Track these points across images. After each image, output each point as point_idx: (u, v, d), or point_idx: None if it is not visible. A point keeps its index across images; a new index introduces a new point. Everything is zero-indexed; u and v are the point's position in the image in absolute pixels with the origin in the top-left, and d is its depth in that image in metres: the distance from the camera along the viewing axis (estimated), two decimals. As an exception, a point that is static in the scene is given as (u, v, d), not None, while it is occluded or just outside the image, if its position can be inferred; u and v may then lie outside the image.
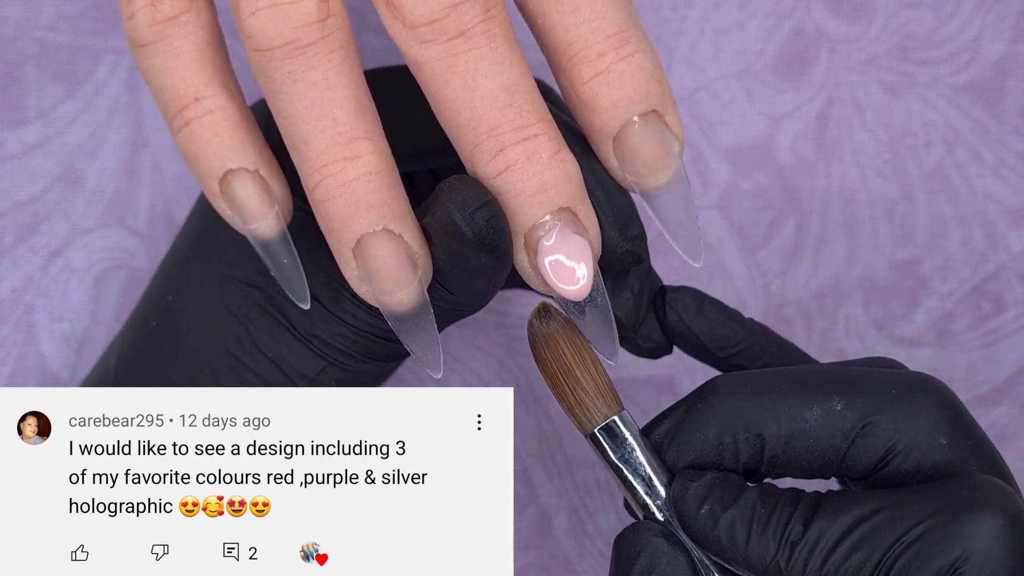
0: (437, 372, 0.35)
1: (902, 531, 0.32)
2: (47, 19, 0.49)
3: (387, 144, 0.34)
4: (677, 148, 0.34)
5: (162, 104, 0.35)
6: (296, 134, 0.33)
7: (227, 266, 0.38)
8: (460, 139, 0.33)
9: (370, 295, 0.34)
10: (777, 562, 0.32)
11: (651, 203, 0.35)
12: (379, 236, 0.33)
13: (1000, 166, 0.49)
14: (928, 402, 0.34)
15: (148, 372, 0.39)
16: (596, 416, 0.35)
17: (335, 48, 0.32)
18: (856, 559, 0.32)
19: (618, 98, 0.33)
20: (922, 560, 0.31)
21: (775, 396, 0.34)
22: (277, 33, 0.32)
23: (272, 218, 0.36)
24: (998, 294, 0.49)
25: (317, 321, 0.37)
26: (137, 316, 0.40)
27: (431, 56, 0.32)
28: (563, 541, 0.48)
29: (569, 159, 0.33)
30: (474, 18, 0.32)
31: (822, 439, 0.34)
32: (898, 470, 0.34)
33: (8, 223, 0.48)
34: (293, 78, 0.32)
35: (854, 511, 0.32)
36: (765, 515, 0.33)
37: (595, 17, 0.33)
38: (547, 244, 0.33)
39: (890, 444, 0.33)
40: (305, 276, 0.36)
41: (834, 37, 0.49)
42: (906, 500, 0.32)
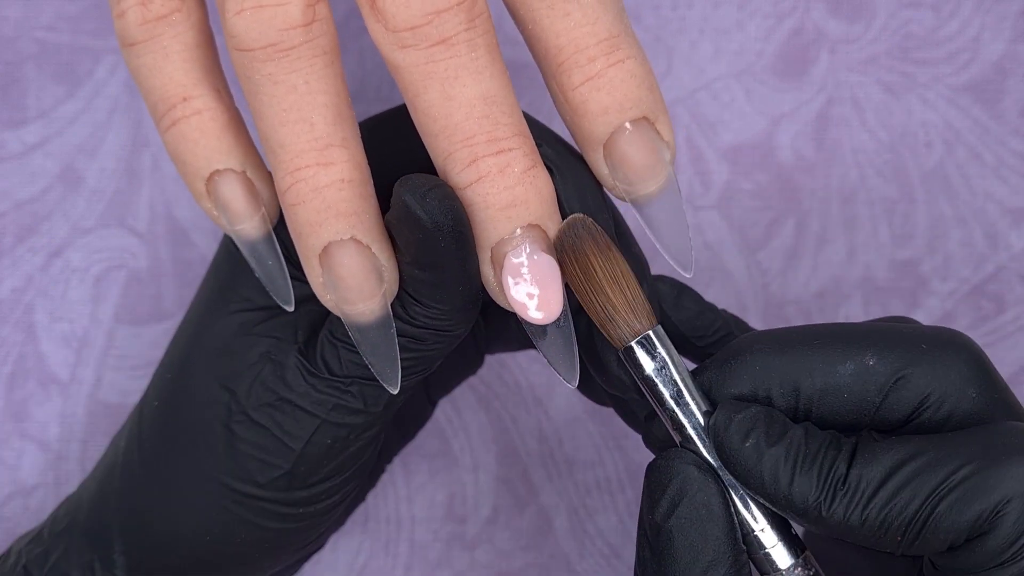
0: (394, 387, 0.34)
1: (944, 476, 0.32)
2: (47, 19, 0.49)
3: (364, 154, 0.33)
4: (668, 156, 0.34)
5: (151, 103, 0.35)
6: (272, 136, 0.33)
7: (221, 341, 0.38)
8: (435, 146, 0.33)
9: (333, 303, 0.34)
10: (819, 504, 0.32)
11: (641, 212, 0.35)
12: (346, 245, 0.33)
13: (1000, 166, 0.49)
14: (958, 356, 0.34)
15: (153, 455, 0.38)
16: (627, 331, 0.34)
17: (318, 53, 0.32)
18: (898, 504, 0.32)
19: (609, 104, 0.33)
20: (965, 504, 0.31)
21: (808, 351, 0.34)
22: (261, 34, 0.32)
23: (258, 219, 0.35)
24: (998, 294, 0.49)
25: (308, 378, 0.36)
26: (144, 397, 0.40)
27: (411, 61, 0.32)
28: (563, 541, 0.48)
29: (542, 176, 0.33)
30: (457, 26, 0.32)
31: (856, 392, 0.34)
32: (931, 420, 0.34)
33: (8, 223, 0.48)
34: (273, 80, 0.32)
35: (894, 455, 0.32)
36: (810, 455, 0.32)
37: (586, 22, 0.33)
38: (514, 260, 0.33)
39: (923, 396, 0.33)
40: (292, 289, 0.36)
41: (834, 37, 0.49)
42: (944, 445, 0.32)
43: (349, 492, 0.39)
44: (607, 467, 0.48)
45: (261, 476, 0.37)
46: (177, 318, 0.48)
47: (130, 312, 0.48)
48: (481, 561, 0.48)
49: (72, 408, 0.48)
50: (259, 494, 0.37)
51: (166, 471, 0.38)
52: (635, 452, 0.49)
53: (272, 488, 0.37)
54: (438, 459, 0.48)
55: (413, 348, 0.35)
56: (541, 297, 0.33)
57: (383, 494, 0.48)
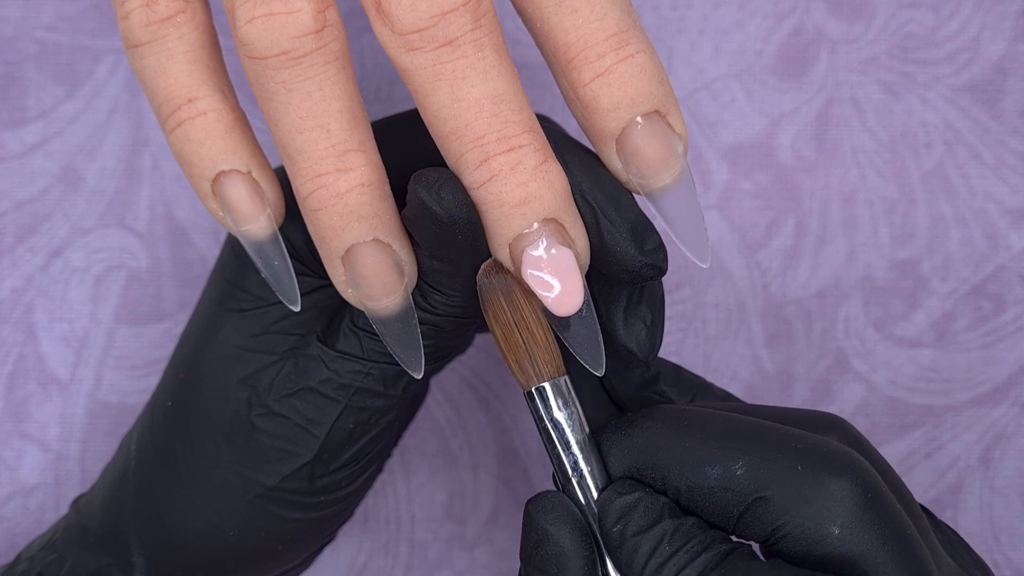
0: (418, 373, 0.35)
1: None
2: (47, 19, 0.49)
3: (379, 156, 0.34)
4: (681, 148, 0.34)
5: (155, 105, 0.35)
6: (290, 144, 0.33)
7: (238, 340, 0.38)
8: (446, 148, 0.33)
9: (356, 299, 0.35)
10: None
11: (656, 204, 0.35)
12: (368, 246, 0.34)
13: (1000, 166, 0.49)
14: (831, 486, 0.32)
15: (169, 456, 0.39)
16: (545, 370, 0.34)
17: (330, 59, 0.32)
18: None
19: (620, 99, 0.33)
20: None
21: (687, 444, 0.33)
22: (273, 42, 0.32)
23: (264, 220, 0.36)
24: (998, 294, 0.49)
25: (329, 364, 0.37)
26: (154, 399, 0.40)
27: (419, 64, 0.32)
28: (563, 541, 0.48)
29: (555, 170, 0.33)
30: (463, 27, 0.32)
31: (718, 499, 0.33)
32: (791, 552, 0.32)
33: (8, 223, 0.48)
34: (288, 88, 0.32)
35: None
36: (667, 552, 0.32)
37: (595, 18, 0.33)
38: (533, 255, 0.33)
39: (777, 524, 0.32)
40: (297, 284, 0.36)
41: (834, 37, 0.49)
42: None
43: (368, 479, 0.40)
44: (607, 467, 0.48)
45: (285, 467, 0.37)
46: (177, 318, 0.48)
47: (130, 312, 0.48)
48: (481, 561, 0.48)
49: (72, 408, 0.48)
50: (282, 485, 0.37)
51: (184, 470, 0.38)
52: (635, 452, 0.49)
53: (295, 479, 0.37)
54: (438, 459, 0.48)
55: (434, 335, 0.36)
56: (562, 290, 0.33)
57: (383, 494, 0.48)
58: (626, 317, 0.36)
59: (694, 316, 0.49)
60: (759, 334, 0.49)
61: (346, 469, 0.38)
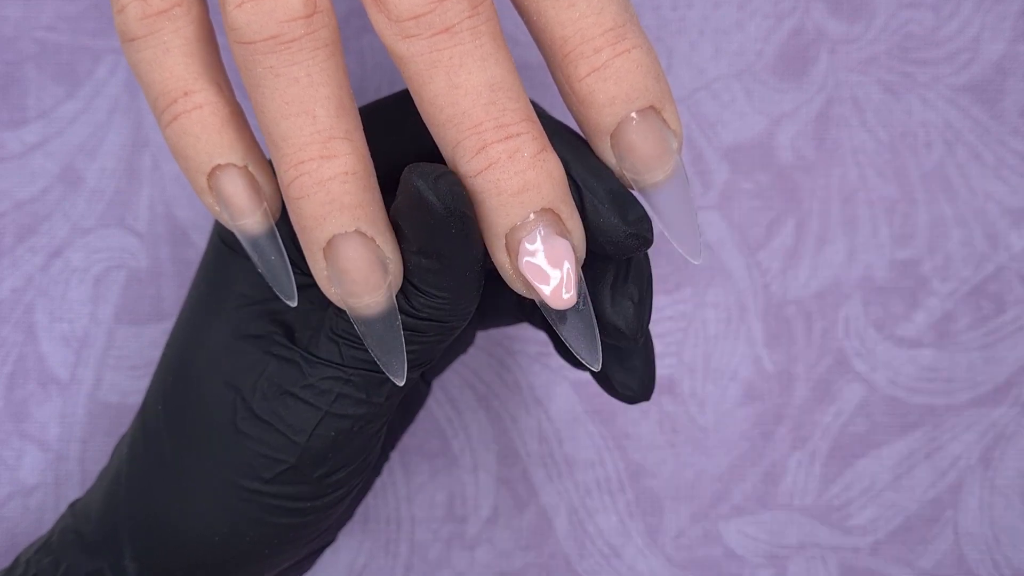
0: (400, 379, 0.35)
1: None
2: (47, 19, 0.49)
3: (367, 146, 0.33)
4: (675, 144, 0.34)
5: (151, 99, 0.35)
6: (274, 130, 0.33)
7: (222, 340, 0.38)
8: (442, 136, 0.33)
9: (338, 297, 0.34)
10: None
11: (650, 200, 0.34)
12: (351, 238, 0.33)
13: (1000, 166, 0.49)
14: None
15: (159, 460, 0.38)
16: None
17: (319, 45, 0.32)
18: None
19: (615, 94, 0.33)
20: None
21: None
22: (262, 27, 0.32)
23: (260, 215, 0.35)
24: (998, 294, 0.49)
25: (309, 371, 0.36)
26: (144, 402, 0.40)
27: (415, 51, 0.32)
28: (563, 541, 0.48)
29: (552, 159, 0.33)
30: (460, 14, 0.32)
31: None
32: None
33: (8, 223, 0.48)
34: (275, 73, 0.32)
35: None
36: None
37: (591, 12, 0.33)
38: (529, 247, 0.33)
39: None
40: (293, 276, 0.36)
41: (834, 37, 0.49)
42: None
43: (355, 485, 0.39)
44: (607, 467, 0.48)
45: (267, 472, 0.37)
46: (177, 318, 0.48)
47: (130, 312, 0.48)
48: (481, 561, 0.48)
49: (72, 408, 0.48)
50: (266, 490, 0.37)
51: (173, 474, 0.38)
52: (635, 452, 0.49)
53: (278, 483, 0.37)
54: (438, 459, 0.48)
55: (416, 340, 0.35)
56: (559, 282, 0.33)
57: (383, 494, 0.48)
58: (613, 294, 0.36)
59: (694, 316, 0.49)
60: (759, 334, 0.49)
61: (332, 477, 0.37)
